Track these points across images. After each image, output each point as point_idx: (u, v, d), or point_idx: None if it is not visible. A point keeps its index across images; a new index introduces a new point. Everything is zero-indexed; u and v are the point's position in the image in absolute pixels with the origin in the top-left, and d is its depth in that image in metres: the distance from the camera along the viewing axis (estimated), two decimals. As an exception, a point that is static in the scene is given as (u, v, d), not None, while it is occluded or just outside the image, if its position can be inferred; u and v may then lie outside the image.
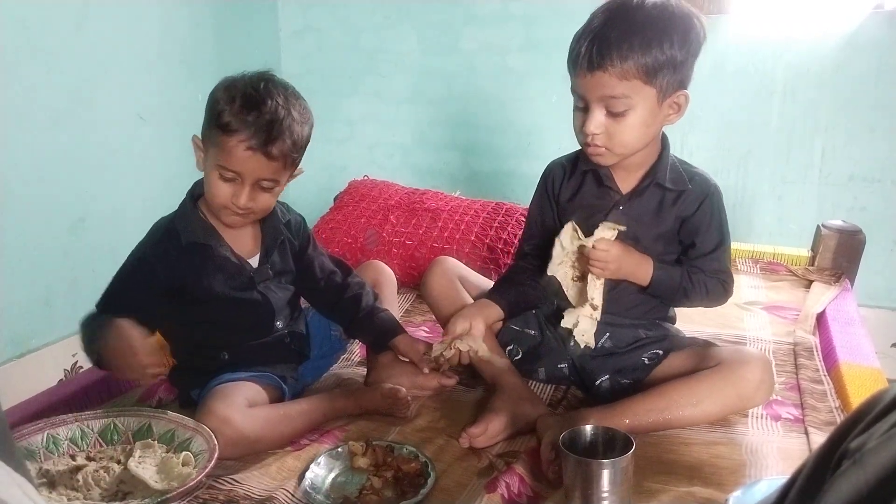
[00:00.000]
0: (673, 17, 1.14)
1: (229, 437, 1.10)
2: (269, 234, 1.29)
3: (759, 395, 1.21)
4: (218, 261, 1.23)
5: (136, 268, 1.23)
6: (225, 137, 1.13)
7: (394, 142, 2.78)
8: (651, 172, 1.26)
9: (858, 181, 2.24)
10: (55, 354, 1.92)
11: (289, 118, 1.16)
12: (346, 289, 1.38)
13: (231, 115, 1.13)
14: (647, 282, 1.25)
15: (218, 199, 1.18)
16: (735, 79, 2.30)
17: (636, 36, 1.12)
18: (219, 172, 1.16)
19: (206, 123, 1.17)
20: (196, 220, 1.23)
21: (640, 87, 1.14)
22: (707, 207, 1.27)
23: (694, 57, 1.17)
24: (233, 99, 1.13)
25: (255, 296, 1.26)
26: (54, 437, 1.12)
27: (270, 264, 1.29)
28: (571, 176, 1.34)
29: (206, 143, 1.18)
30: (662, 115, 1.19)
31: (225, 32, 2.46)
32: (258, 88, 1.15)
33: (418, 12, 2.63)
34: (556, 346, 1.36)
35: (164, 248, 1.22)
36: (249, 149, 1.13)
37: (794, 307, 1.77)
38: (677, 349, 1.29)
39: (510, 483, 1.03)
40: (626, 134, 1.17)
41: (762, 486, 0.97)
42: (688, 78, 1.19)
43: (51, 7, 1.83)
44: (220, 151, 1.14)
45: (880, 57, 2.13)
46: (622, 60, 1.12)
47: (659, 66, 1.13)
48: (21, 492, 0.53)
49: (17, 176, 1.79)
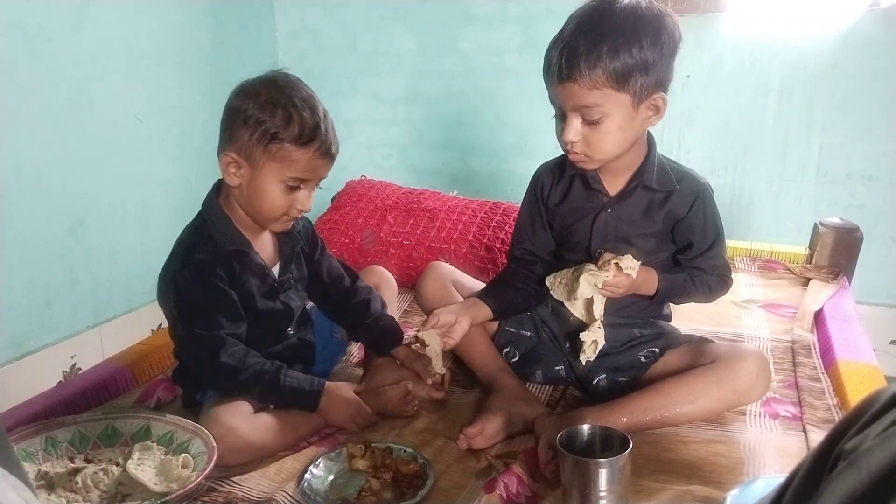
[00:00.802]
0: (643, 19, 1.13)
1: (234, 446, 1.10)
2: (287, 243, 1.29)
3: (755, 391, 1.22)
4: (254, 268, 1.22)
5: (204, 278, 1.16)
6: (299, 148, 1.12)
7: (391, 142, 2.78)
8: (638, 174, 1.27)
9: (856, 179, 2.25)
10: (54, 356, 1.92)
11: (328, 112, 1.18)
12: (355, 293, 1.39)
13: (304, 124, 1.12)
14: (652, 293, 1.27)
15: (280, 209, 1.17)
16: (732, 77, 2.30)
17: (604, 43, 1.10)
18: (285, 185, 1.15)
19: (249, 137, 1.13)
20: (232, 228, 1.21)
21: (613, 94, 1.13)
22: (699, 207, 1.27)
23: (669, 57, 1.15)
24: (292, 108, 1.12)
25: (278, 305, 1.26)
26: (53, 439, 1.12)
27: (290, 272, 1.29)
28: (560, 180, 1.34)
29: (252, 158, 1.14)
30: (640, 119, 1.18)
31: (222, 33, 2.46)
32: (306, 92, 1.15)
33: (416, 13, 2.63)
34: (553, 347, 1.37)
35: (210, 254, 1.18)
36: (320, 157, 1.15)
37: (792, 305, 1.77)
38: (673, 346, 1.30)
39: (508, 483, 1.03)
40: (603, 141, 1.17)
41: (760, 484, 0.97)
42: (665, 78, 1.17)
43: (48, 9, 1.83)
44: (292, 163, 1.13)
45: (876, 54, 2.14)
46: (590, 70, 1.11)
47: (629, 71, 1.12)
48: (17, 494, 0.53)
49: (16, 178, 1.78)
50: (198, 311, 1.17)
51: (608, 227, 1.29)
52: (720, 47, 2.29)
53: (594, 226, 1.29)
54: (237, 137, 1.14)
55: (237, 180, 1.16)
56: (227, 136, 1.16)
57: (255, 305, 1.22)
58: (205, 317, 1.16)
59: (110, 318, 2.09)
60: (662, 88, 1.17)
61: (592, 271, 1.20)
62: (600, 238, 1.29)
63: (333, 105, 2.96)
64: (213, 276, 1.16)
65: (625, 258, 1.20)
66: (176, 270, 1.18)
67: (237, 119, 1.14)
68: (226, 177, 1.17)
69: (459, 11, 2.57)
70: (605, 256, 1.22)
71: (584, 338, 1.23)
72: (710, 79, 2.31)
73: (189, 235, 1.22)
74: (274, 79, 1.16)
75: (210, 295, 1.16)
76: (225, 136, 1.16)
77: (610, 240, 1.28)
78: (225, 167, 1.16)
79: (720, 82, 2.31)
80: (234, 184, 1.17)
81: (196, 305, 1.17)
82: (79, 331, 2.00)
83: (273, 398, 1.19)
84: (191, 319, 1.17)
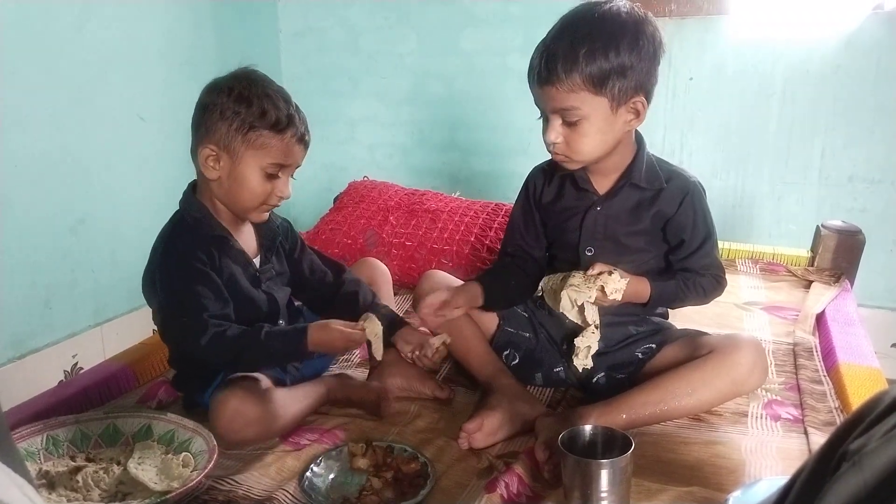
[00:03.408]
0: (623, 25, 1.15)
1: (250, 417, 1.12)
2: (267, 236, 1.32)
3: (752, 379, 1.22)
4: (235, 255, 1.24)
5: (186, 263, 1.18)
6: (276, 135, 1.17)
7: (394, 142, 2.79)
8: (626, 173, 1.28)
9: (858, 182, 2.24)
10: (55, 355, 1.92)
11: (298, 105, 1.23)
12: (341, 286, 1.40)
13: (279, 113, 1.17)
14: (645, 300, 1.27)
15: (260, 197, 1.20)
16: (734, 79, 2.30)
17: (581, 47, 1.13)
18: (265, 172, 1.18)
19: (227, 129, 1.17)
20: (211, 219, 1.24)
21: (590, 97, 1.15)
22: (688, 205, 1.27)
23: (648, 62, 1.17)
24: (266, 99, 1.17)
25: (262, 294, 1.28)
26: (54, 439, 1.12)
27: (271, 263, 1.31)
28: (552, 180, 1.36)
29: (231, 149, 1.17)
30: (620, 122, 1.20)
31: (225, 33, 2.47)
32: (276, 86, 1.21)
33: (418, 13, 2.63)
34: (551, 350, 1.37)
35: (190, 242, 1.20)
36: (299, 141, 1.20)
37: (794, 307, 1.77)
38: (670, 341, 1.30)
39: (509, 483, 1.03)
40: (582, 143, 1.19)
41: (762, 486, 0.97)
42: (645, 82, 1.18)
43: (51, 8, 1.84)
44: (270, 150, 1.17)
45: (880, 58, 2.14)
46: (568, 74, 1.14)
47: (605, 75, 1.14)
48: (21, 493, 0.53)
49: (18, 177, 1.79)
50: (181, 296, 1.19)
51: (597, 226, 1.30)
52: (723, 50, 2.29)
53: (583, 224, 1.30)
54: (214, 131, 1.18)
55: (216, 173, 1.20)
56: (203, 131, 1.19)
57: (239, 291, 1.23)
58: (189, 302, 1.18)
59: (111, 317, 2.09)
60: (643, 92, 1.19)
61: (575, 287, 1.20)
62: (589, 236, 1.30)
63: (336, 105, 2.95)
64: (195, 259, 1.19)
65: (612, 277, 1.20)
66: (157, 262, 1.21)
67: (213, 114, 1.18)
68: (205, 170, 1.20)
69: (461, 12, 2.57)
70: (595, 268, 1.21)
71: (578, 343, 1.24)
72: (713, 81, 2.31)
73: (168, 229, 1.25)
74: (244, 75, 1.21)
75: (193, 278, 1.18)
76: (200, 132, 1.20)
77: (599, 238, 1.29)
78: (204, 161, 1.19)
79: (723, 85, 2.31)
80: (213, 177, 1.20)
81: (180, 291, 1.19)
82: (80, 330, 2.00)
83: (265, 358, 1.19)
84: (176, 305, 1.19)
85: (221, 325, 1.17)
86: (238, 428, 1.12)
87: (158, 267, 1.21)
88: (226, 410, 1.12)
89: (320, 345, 1.18)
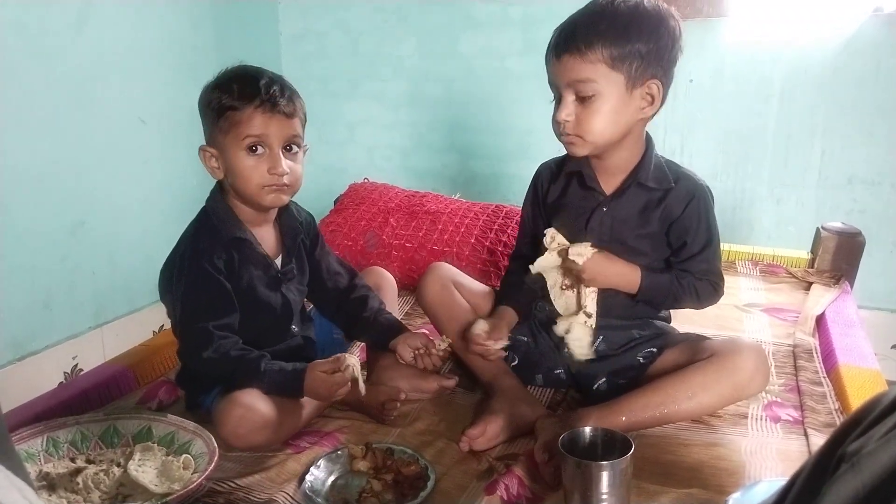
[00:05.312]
0: (645, 14, 1.16)
1: (256, 423, 1.11)
2: (289, 234, 1.31)
3: (754, 384, 1.22)
4: (256, 258, 1.24)
5: (200, 267, 1.18)
6: (237, 114, 1.15)
7: (393, 144, 2.79)
8: (634, 173, 1.27)
9: (857, 184, 2.25)
10: (55, 357, 1.92)
11: (284, 80, 1.20)
12: (353, 290, 1.40)
13: (235, 95, 1.15)
14: (635, 290, 1.26)
15: (255, 178, 1.17)
16: (734, 81, 2.30)
17: (602, 23, 1.15)
18: (245, 150, 1.16)
19: (211, 124, 1.18)
20: (234, 219, 1.23)
21: (607, 71, 1.15)
22: (694, 208, 1.26)
23: (665, 52, 1.17)
24: (228, 85, 1.16)
25: (278, 297, 1.27)
26: (54, 440, 1.12)
27: (292, 264, 1.30)
28: (558, 178, 1.35)
29: (217, 142, 1.18)
30: (634, 106, 1.19)
31: (225, 35, 2.47)
32: (246, 69, 1.20)
33: (418, 16, 2.63)
34: (551, 351, 1.37)
35: (210, 242, 1.20)
36: (266, 112, 1.15)
37: (794, 309, 1.77)
38: (671, 345, 1.30)
39: (509, 485, 1.03)
40: (594, 121, 1.18)
41: (762, 487, 0.97)
42: (662, 73, 1.19)
43: (50, 8, 1.84)
44: (241, 125, 1.15)
45: (879, 60, 2.14)
46: (587, 44, 1.14)
47: (624, 54, 1.15)
48: (20, 495, 0.53)
49: (18, 178, 1.79)
50: (189, 302, 1.19)
51: (603, 227, 1.28)
52: (722, 52, 2.29)
53: (589, 225, 1.29)
54: (208, 132, 1.19)
55: (219, 172, 1.20)
56: (205, 135, 1.21)
57: (255, 297, 1.23)
58: (195, 310, 1.18)
59: (111, 319, 2.09)
60: (658, 79, 1.18)
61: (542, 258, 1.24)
62: (594, 238, 1.29)
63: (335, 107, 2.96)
64: (209, 263, 1.18)
65: (577, 244, 1.21)
66: (176, 260, 1.21)
67: (203, 112, 1.19)
68: (211, 173, 1.21)
69: (461, 15, 2.57)
70: (548, 232, 1.24)
71: (567, 338, 1.25)
72: (713, 83, 2.31)
73: (192, 227, 1.25)
74: (232, 67, 1.21)
75: (202, 284, 1.18)
76: (205, 137, 1.22)
77: (605, 240, 1.27)
78: (206, 164, 1.20)
79: (722, 87, 2.31)
80: (218, 176, 1.21)
81: (188, 296, 1.19)
82: (80, 332, 2.00)
83: (258, 387, 1.18)
84: (183, 311, 1.19)
85: (225, 340, 1.17)
86: (243, 434, 1.11)
87: (178, 268, 1.20)
88: (231, 416, 1.11)
89: (310, 393, 1.18)
